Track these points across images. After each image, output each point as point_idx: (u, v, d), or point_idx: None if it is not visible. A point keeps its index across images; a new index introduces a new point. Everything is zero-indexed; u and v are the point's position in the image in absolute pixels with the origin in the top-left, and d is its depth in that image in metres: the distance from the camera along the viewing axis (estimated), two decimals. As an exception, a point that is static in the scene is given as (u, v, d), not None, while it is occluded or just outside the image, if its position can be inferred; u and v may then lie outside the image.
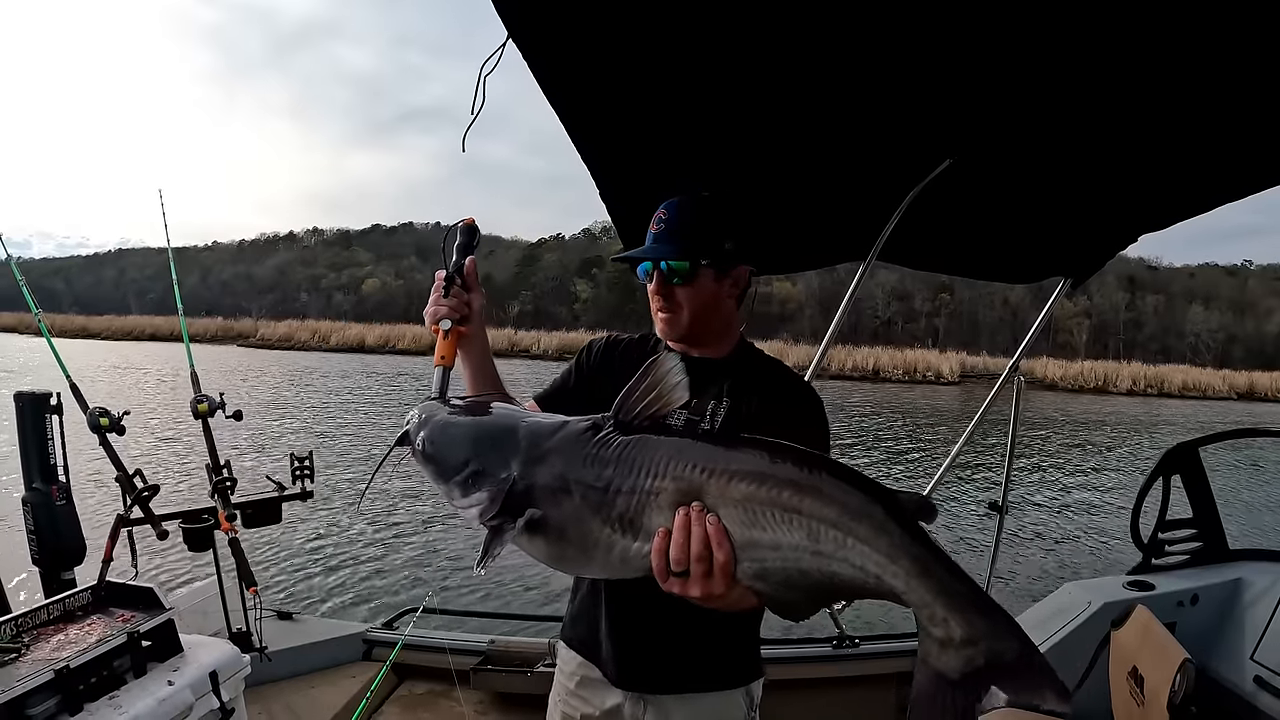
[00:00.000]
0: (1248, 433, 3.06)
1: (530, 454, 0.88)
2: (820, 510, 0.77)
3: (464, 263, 1.16)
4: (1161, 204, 2.06)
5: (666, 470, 0.82)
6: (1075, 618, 2.33)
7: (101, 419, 2.19)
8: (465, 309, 1.15)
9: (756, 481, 0.79)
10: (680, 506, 0.81)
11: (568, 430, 0.89)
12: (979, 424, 2.79)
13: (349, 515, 6.92)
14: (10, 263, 2.48)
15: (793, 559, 0.78)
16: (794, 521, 0.77)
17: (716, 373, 1.21)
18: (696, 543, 0.79)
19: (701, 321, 1.20)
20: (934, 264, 2.52)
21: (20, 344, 30.76)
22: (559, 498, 0.86)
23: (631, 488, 0.83)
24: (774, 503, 0.78)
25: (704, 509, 0.80)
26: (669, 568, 0.80)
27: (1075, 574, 6.31)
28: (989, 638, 0.72)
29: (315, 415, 14.53)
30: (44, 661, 1.42)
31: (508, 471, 0.87)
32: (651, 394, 0.87)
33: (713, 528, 0.79)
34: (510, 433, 0.91)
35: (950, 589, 0.73)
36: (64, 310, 73.91)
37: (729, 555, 0.79)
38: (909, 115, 1.58)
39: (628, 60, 1.32)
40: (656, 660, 1.20)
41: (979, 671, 0.72)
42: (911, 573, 0.74)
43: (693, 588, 0.81)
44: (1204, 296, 61.71)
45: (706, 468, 0.81)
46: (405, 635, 2.79)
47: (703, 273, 1.17)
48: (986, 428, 2.89)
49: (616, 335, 1.37)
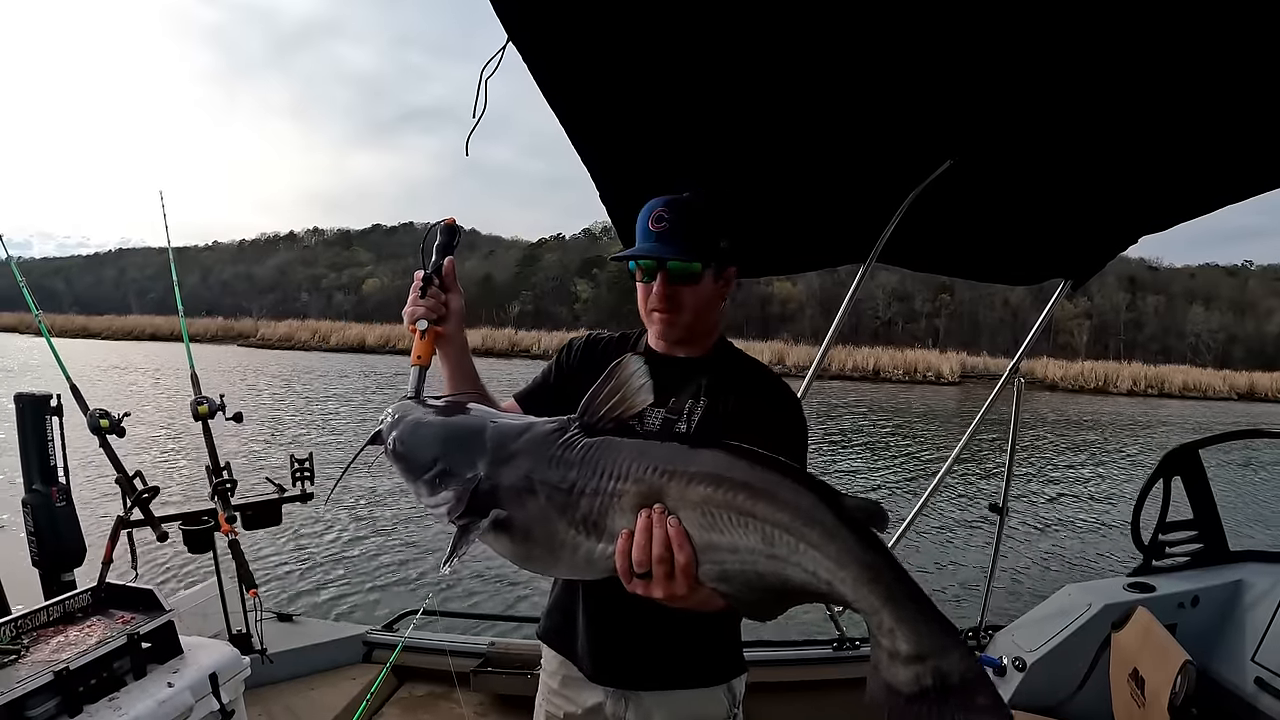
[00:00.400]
0: (1248, 434, 3.06)
1: (496, 455, 0.89)
2: (773, 514, 0.78)
3: (442, 263, 1.16)
4: (1162, 205, 2.05)
5: (629, 473, 0.83)
6: (1076, 619, 2.33)
7: (102, 421, 2.19)
8: (442, 309, 1.15)
9: (714, 485, 0.80)
10: (643, 509, 0.82)
11: (534, 432, 0.90)
12: (980, 425, 2.79)
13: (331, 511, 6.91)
14: (10, 263, 2.48)
15: (750, 562, 0.79)
16: (750, 525, 0.79)
17: (695, 371, 1.22)
18: (658, 545, 0.80)
19: (699, 322, 1.21)
20: (934, 265, 2.51)
21: (21, 344, 30.78)
22: (524, 498, 0.87)
23: (595, 489, 0.84)
24: (731, 506, 0.79)
25: (665, 511, 0.81)
26: (632, 569, 0.81)
27: (1076, 575, 6.31)
28: (936, 655, 0.73)
29: (315, 416, 14.52)
30: (44, 663, 1.42)
31: (474, 471, 0.89)
32: (616, 396, 0.88)
33: (673, 530, 0.80)
34: (477, 433, 0.92)
35: (897, 597, 0.74)
36: (65, 310, 73.93)
37: (689, 557, 0.80)
38: (909, 117, 1.57)
39: (627, 63, 1.32)
40: (634, 656, 1.20)
41: (927, 692, 0.73)
42: (860, 580, 0.74)
43: (655, 589, 0.82)
44: (1205, 297, 61.66)
45: (667, 470, 0.82)
46: (405, 637, 2.79)
47: (705, 274, 1.17)
48: (987, 428, 2.88)
49: (597, 334, 1.37)
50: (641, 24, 1.21)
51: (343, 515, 6.98)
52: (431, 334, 1.14)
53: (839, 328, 2.38)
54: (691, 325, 1.20)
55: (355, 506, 7.27)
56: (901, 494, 9.33)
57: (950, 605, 5.55)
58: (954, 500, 8.69)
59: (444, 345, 1.17)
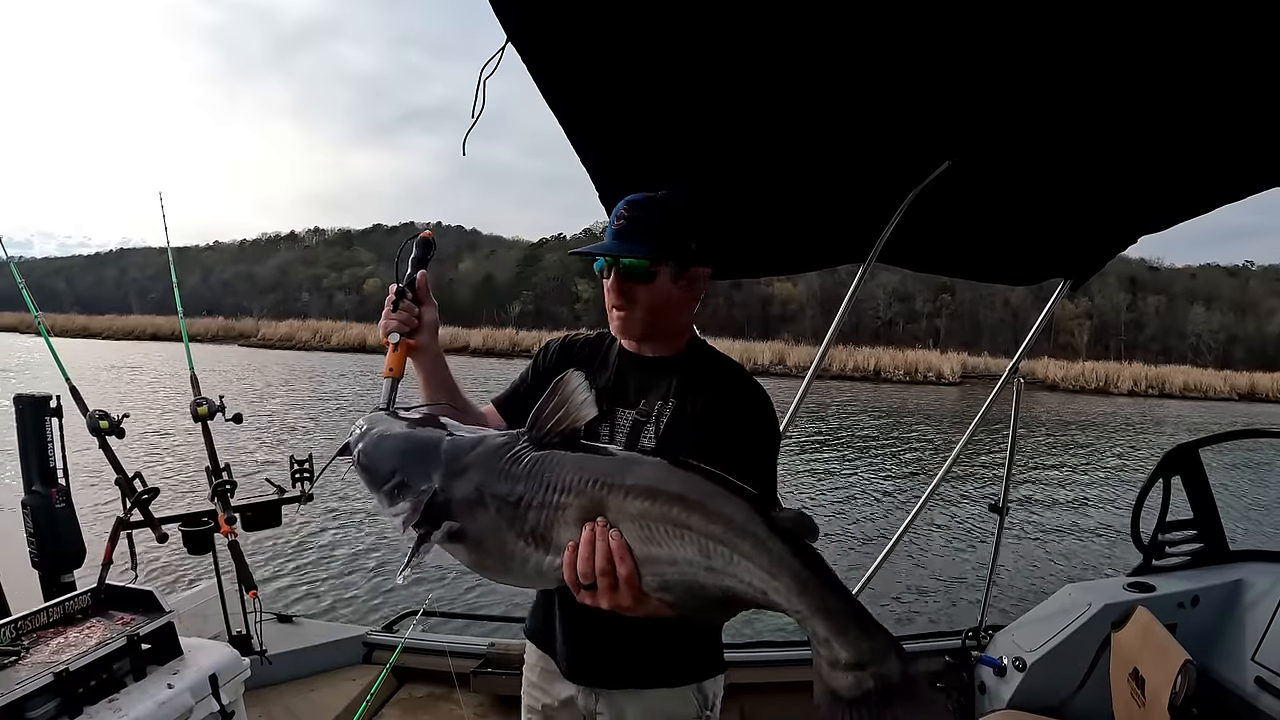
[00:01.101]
0: (1247, 434, 3.06)
1: (450, 467, 0.92)
2: (707, 527, 0.80)
3: (415, 277, 1.19)
4: (1161, 205, 2.05)
5: (571, 486, 0.86)
6: (1076, 619, 2.33)
7: (101, 422, 2.19)
8: (415, 322, 1.18)
9: (651, 498, 0.83)
10: (586, 521, 0.84)
11: (484, 445, 0.93)
12: (979, 425, 2.79)
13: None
14: (10, 264, 2.48)
15: (690, 573, 0.82)
16: (686, 537, 0.81)
17: (665, 371, 1.22)
18: (600, 558, 0.82)
19: (656, 321, 1.20)
20: (934, 266, 2.51)
21: (21, 344, 30.79)
22: (475, 510, 0.90)
23: (540, 503, 0.87)
24: (667, 519, 0.82)
25: (607, 525, 0.83)
26: (579, 580, 0.84)
27: (1076, 575, 6.31)
28: (875, 663, 0.75)
29: (316, 416, 14.53)
30: (43, 664, 1.42)
31: (429, 483, 0.92)
32: (560, 411, 0.91)
33: (615, 543, 0.82)
34: (433, 446, 0.95)
35: (830, 607, 0.76)
36: (65, 310, 73.88)
37: (631, 570, 0.82)
38: (908, 117, 1.57)
39: (626, 63, 1.32)
40: (605, 655, 1.22)
41: (870, 695, 0.75)
42: (792, 590, 0.77)
43: (601, 600, 0.84)
44: (1205, 297, 61.66)
45: (608, 484, 0.84)
46: (405, 638, 2.79)
47: (661, 272, 1.16)
48: (987, 429, 2.88)
49: (574, 335, 1.39)
50: (641, 24, 1.21)
51: (343, 516, 6.97)
52: (404, 346, 1.17)
53: (839, 327, 2.38)
54: (648, 322, 1.19)
55: (355, 508, 7.27)
56: (901, 494, 9.34)
57: (950, 605, 5.56)
58: (954, 500, 8.69)
59: (418, 356, 1.20)
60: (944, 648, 2.62)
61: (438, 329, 1.22)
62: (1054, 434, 17.13)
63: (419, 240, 1.22)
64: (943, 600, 5.70)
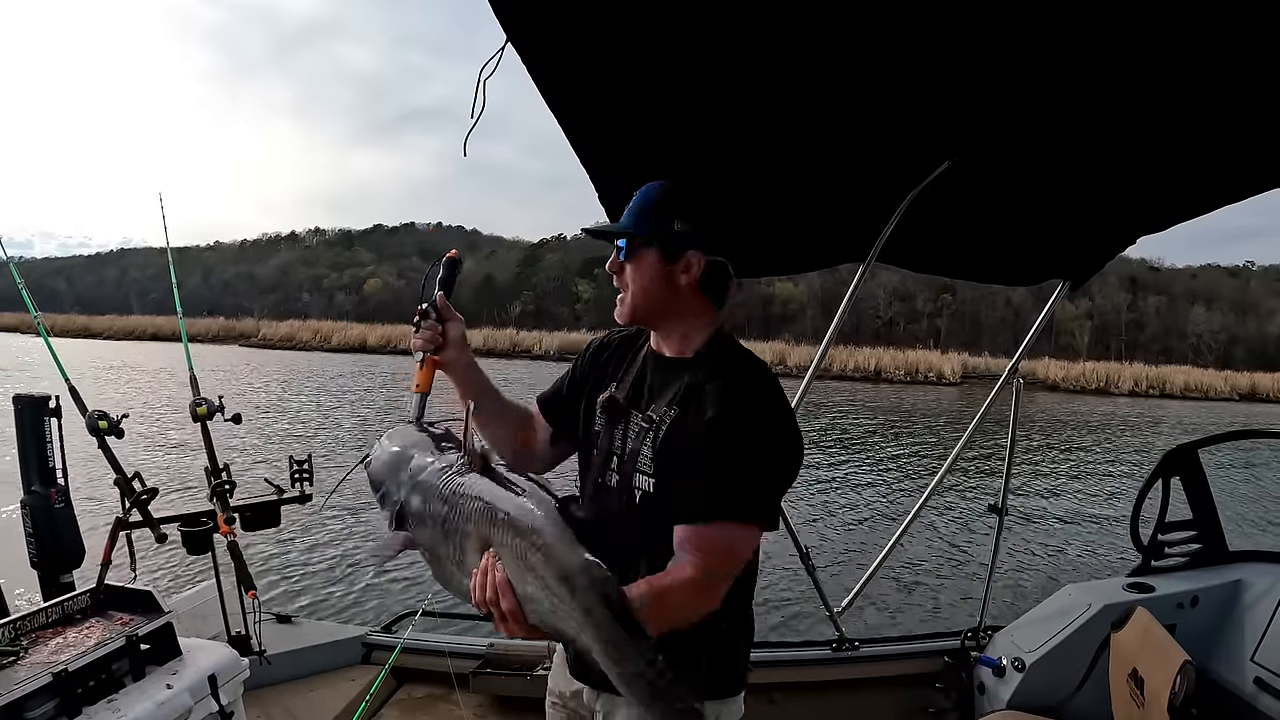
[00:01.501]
0: (1247, 434, 3.05)
1: (410, 484, 1.04)
2: (546, 571, 0.88)
3: (435, 297, 1.26)
4: (1161, 206, 2.05)
5: (473, 516, 0.94)
6: (1075, 620, 2.33)
7: (100, 422, 2.19)
8: (439, 339, 1.25)
9: (520, 536, 0.90)
10: (485, 551, 0.93)
11: (431, 468, 1.03)
12: (979, 425, 2.79)
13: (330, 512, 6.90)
14: (10, 264, 2.48)
15: (547, 613, 0.89)
16: (535, 580, 0.89)
17: (678, 373, 1.18)
18: (490, 589, 0.90)
19: (648, 305, 1.18)
20: (933, 266, 2.51)
21: (21, 344, 30.75)
22: (421, 527, 1.01)
23: (455, 528, 0.96)
24: (524, 560, 0.89)
25: (496, 558, 0.91)
26: (484, 605, 0.92)
27: (1075, 576, 6.30)
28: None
29: (315, 417, 14.53)
30: (42, 664, 1.42)
31: (398, 496, 1.05)
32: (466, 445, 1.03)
33: (499, 578, 0.90)
34: (404, 463, 1.07)
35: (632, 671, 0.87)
36: (66, 310, 73.76)
37: (513, 604, 0.89)
38: (908, 117, 1.57)
39: (626, 64, 1.32)
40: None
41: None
42: (597, 643, 0.87)
43: (501, 627, 0.91)
44: (1206, 297, 61.56)
45: (494, 518, 0.93)
46: (405, 638, 2.79)
47: (646, 252, 1.16)
48: (987, 429, 2.88)
49: (610, 333, 1.37)
50: (640, 25, 1.21)
51: (342, 516, 6.97)
52: (430, 363, 1.25)
53: (839, 327, 2.37)
54: (636, 307, 1.18)
55: (355, 508, 7.26)
56: (901, 494, 9.34)
57: (950, 605, 5.56)
58: (954, 501, 8.69)
59: (448, 369, 1.27)
60: (943, 648, 2.61)
61: (465, 342, 1.28)
62: (1054, 434, 17.12)
63: (446, 261, 1.29)
64: (942, 600, 5.70)
